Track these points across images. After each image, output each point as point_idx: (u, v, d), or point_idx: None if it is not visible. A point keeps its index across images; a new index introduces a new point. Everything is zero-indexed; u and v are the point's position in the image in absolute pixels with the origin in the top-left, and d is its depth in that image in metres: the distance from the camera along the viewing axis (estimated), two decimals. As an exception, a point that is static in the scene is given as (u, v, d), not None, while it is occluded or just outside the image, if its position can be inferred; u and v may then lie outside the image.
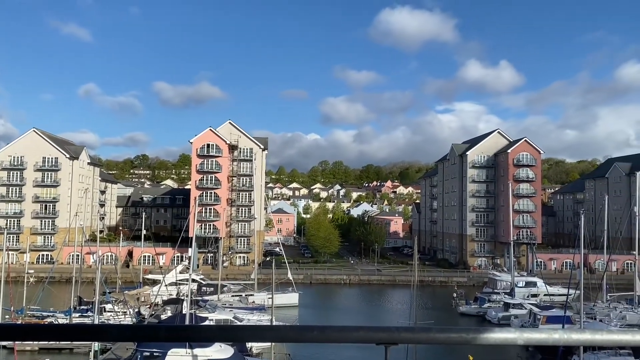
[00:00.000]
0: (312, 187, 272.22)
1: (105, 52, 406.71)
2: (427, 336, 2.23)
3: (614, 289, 65.72)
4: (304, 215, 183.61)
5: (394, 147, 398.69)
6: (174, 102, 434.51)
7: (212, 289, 68.17)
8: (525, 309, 59.57)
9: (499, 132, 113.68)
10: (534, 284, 73.86)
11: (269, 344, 37.34)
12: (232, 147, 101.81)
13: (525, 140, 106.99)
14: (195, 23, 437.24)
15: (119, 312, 53.16)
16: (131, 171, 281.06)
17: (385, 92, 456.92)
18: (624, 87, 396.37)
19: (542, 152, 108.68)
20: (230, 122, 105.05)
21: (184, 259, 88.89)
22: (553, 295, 68.54)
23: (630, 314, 56.24)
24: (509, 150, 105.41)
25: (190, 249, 75.24)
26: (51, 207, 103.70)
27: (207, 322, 46.41)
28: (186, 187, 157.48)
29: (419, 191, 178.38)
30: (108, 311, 53.05)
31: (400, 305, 69.39)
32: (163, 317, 51.67)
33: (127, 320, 50.85)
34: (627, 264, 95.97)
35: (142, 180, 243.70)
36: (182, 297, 53.35)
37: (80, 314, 52.69)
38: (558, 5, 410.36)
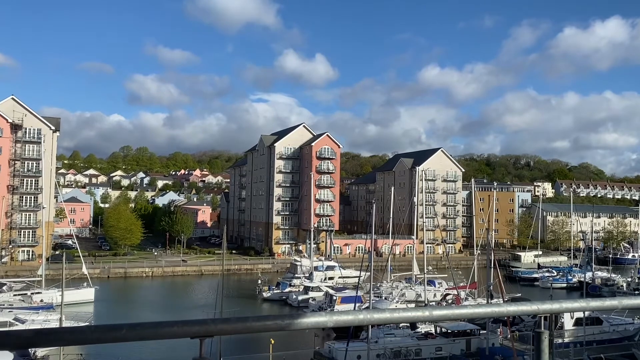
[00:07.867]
0: (112, 175, 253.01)
1: None
2: (243, 325, 2.24)
3: (396, 269, 74.80)
4: (102, 205, 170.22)
5: (207, 134, 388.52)
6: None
7: (-14, 289, 59.16)
8: (323, 291, 64.23)
9: (304, 126, 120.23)
10: (332, 268, 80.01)
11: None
12: (16, 127, 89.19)
13: (327, 135, 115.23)
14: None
15: None
16: None
17: (200, 75, 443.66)
18: (423, 89, 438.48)
19: (341, 146, 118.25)
20: (13, 98, 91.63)
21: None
22: (347, 277, 75.10)
23: (409, 291, 64.69)
24: (312, 144, 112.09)
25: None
26: None
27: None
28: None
29: (228, 180, 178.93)
30: None
31: (206, 296, 68.86)
32: None
33: None
34: (408, 247, 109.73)
35: None
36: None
37: None
38: (373, 4, 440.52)
